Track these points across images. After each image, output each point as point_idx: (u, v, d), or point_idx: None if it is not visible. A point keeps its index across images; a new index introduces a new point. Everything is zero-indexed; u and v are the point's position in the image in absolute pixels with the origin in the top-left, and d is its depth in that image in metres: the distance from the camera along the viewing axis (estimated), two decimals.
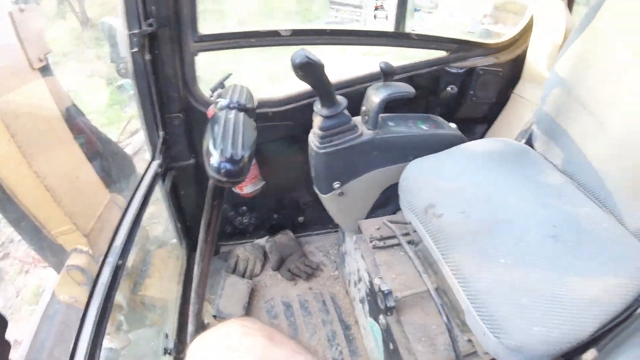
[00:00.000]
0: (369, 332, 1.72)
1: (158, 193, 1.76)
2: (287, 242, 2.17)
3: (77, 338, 0.91)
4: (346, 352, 1.83)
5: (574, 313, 1.06)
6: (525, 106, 2.04)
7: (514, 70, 2.08)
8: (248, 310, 1.92)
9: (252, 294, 1.99)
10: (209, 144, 1.21)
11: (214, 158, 1.15)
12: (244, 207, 2.10)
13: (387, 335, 1.48)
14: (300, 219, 2.26)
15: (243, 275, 2.06)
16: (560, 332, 1.03)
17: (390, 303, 1.39)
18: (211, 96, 1.70)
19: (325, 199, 1.72)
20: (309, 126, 1.62)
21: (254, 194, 1.87)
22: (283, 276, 2.11)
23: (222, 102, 1.44)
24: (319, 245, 2.31)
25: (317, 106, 1.53)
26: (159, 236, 2.13)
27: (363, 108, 1.65)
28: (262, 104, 1.80)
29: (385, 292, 1.39)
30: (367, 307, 1.72)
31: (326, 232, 2.37)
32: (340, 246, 2.06)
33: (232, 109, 1.43)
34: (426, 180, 1.51)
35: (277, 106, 1.82)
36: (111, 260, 1.13)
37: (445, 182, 1.47)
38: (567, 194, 1.45)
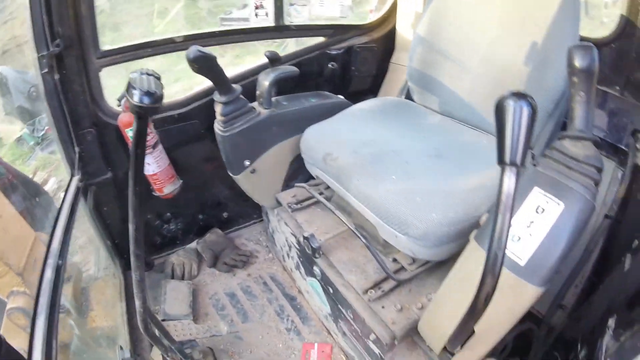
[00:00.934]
0: (312, 293, 1.84)
1: (84, 217, 1.78)
2: (217, 239, 2.24)
3: None
4: (297, 320, 1.93)
5: (463, 198, 1.29)
6: (402, 72, 2.30)
7: (387, 44, 2.39)
8: (195, 309, 1.95)
9: (195, 293, 2.03)
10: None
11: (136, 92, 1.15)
12: (168, 214, 2.15)
13: (325, 281, 1.62)
14: (225, 214, 2.34)
15: (182, 279, 2.09)
16: (455, 213, 1.25)
17: (315, 244, 1.54)
18: (119, 105, 1.76)
19: (240, 179, 1.86)
20: (213, 121, 1.76)
21: (173, 193, 1.94)
22: (220, 270, 2.17)
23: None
24: (248, 236, 2.40)
25: (216, 96, 1.69)
26: (91, 268, 2.10)
27: (257, 92, 1.81)
28: (167, 107, 1.91)
29: (309, 236, 1.54)
30: (302, 270, 1.84)
31: (252, 223, 2.48)
32: (267, 229, 2.18)
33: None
34: (321, 139, 1.71)
35: (181, 107, 1.93)
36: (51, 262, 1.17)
37: (338, 136, 1.67)
38: (447, 128, 1.73)
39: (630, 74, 1.48)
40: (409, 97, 2.00)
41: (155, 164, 1.81)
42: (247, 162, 1.80)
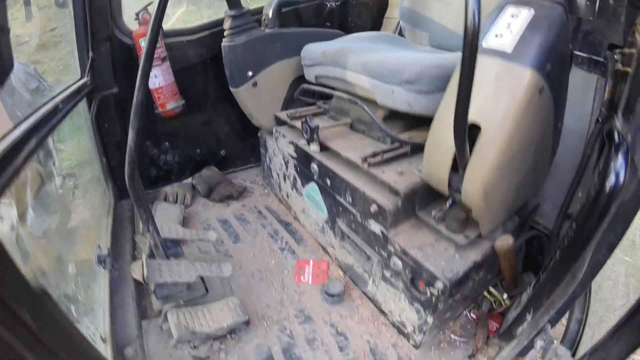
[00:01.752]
0: (309, 208, 1.78)
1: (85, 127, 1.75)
2: (213, 174, 2.18)
3: None
4: (292, 241, 1.85)
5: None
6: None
7: (382, 0, 2.48)
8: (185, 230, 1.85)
9: (186, 220, 1.94)
10: None
11: None
12: (167, 144, 2.11)
13: (322, 175, 1.58)
14: (222, 152, 2.30)
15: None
16: (444, 59, 1.30)
17: (313, 124, 1.49)
18: (136, 19, 1.81)
19: (242, 92, 1.87)
20: (218, 52, 1.84)
21: (175, 111, 1.92)
22: (214, 201, 2.09)
23: None
24: (244, 177, 2.34)
25: (226, 11, 1.78)
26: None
27: (263, 17, 1.88)
28: (178, 32, 1.96)
29: (307, 119, 1.51)
30: (299, 184, 1.79)
31: (249, 167, 2.43)
32: (264, 160, 2.15)
33: None
34: (319, 45, 1.76)
35: (190, 34, 1.98)
36: None
37: (334, 44, 1.72)
38: (437, 52, 1.76)
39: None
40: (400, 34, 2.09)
41: (161, 77, 1.82)
42: (250, 73, 1.83)
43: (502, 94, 0.96)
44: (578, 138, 1.39)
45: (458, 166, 1.07)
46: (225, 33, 1.80)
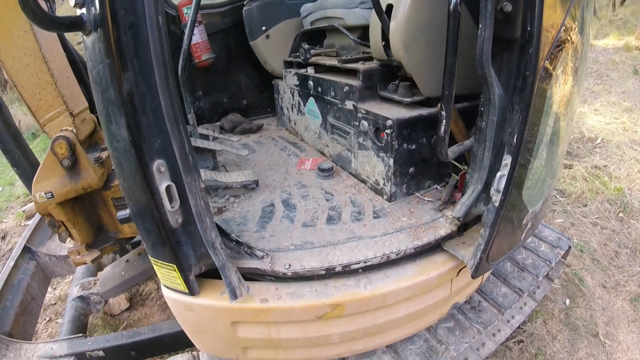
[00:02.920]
0: (309, 119, 2.19)
1: None
2: (237, 117, 2.65)
3: None
4: (297, 151, 2.24)
5: None
6: None
7: None
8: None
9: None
10: None
11: None
12: (200, 92, 2.61)
13: (315, 85, 2.00)
14: (244, 101, 2.78)
15: None
16: None
17: (307, 46, 1.93)
18: None
19: (258, 43, 2.39)
20: (239, 22, 2.41)
21: (209, 62, 2.44)
22: (237, 133, 2.53)
23: None
24: (260, 122, 2.75)
25: None
26: None
27: None
28: (209, 6, 2.50)
29: (303, 44, 1.94)
30: (302, 104, 2.21)
31: (266, 116, 2.90)
32: (278, 103, 2.60)
33: None
34: (311, 3, 2.26)
35: (218, 7, 2.53)
36: None
37: None
38: None
39: None
40: None
41: (199, 35, 2.36)
42: (264, 27, 2.35)
43: None
44: None
45: (386, 33, 1.45)
46: (245, 1, 2.34)
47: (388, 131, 1.49)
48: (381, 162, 1.60)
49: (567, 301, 2.37)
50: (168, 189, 1.01)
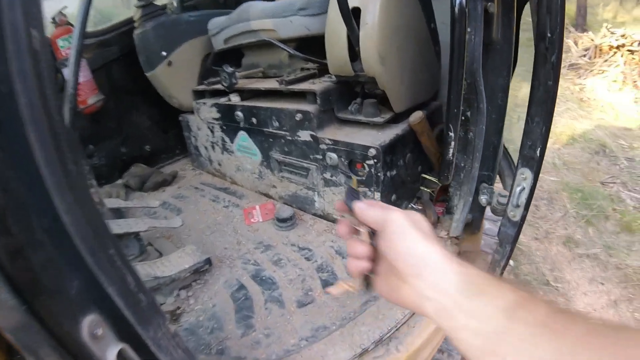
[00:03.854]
0: (242, 157, 1.76)
1: None
2: (142, 170, 2.06)
3: None
4: (234, 199, 1.78)
5: None
6: None
7: None
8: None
9: (124, 216, 1.76)
10: None
11: None
12: (91, 146, 1.96)
13: (247, 115, 1.58)
14: (147, 147, 2.18)
15: None
16: None
17: (230, 69, 1.49)
18: (52, 22, 1.73)
19: (158, 74, 1.84)
20: (130, 50, 1.85)
21: (97, 105, 1.82)
22: (149, 190, 1.96)
23: None
24: (172, 168, 2.21)
25: (135, 3, 1.79)
26: None
27: (168, 5, 1.89)
28: (89, 34, 1.88)
29: (225, 67, 1.50)
30: (228, 140, 1.77)
31: (176, 160, 2.33)
32: (189, 140, 2.08)
33: None
34: (222, 16, 1.81)
35: (103, 34, 1.92)
36: None
37: (236, 9, 1.75)
38: None
39: None
40: None
41: (80, 73, 1.70)
42: (164, 53, 1.81)
43: None
44: None
45: (353, 44, 1.14)
46: (136, 23, 1.80)
47: (370, 162, 1.19)
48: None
49: (512, 262, 2.41)
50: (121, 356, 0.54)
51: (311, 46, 1.49)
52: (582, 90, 4.54)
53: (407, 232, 0.47)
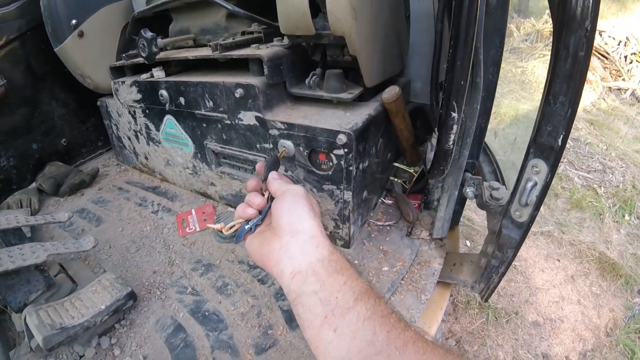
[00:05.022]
0: (170, 148, 1.33)
1: None
2: (58, 168, 1.55)
3: None
4: (165, 201, 1.37)
5: None
6: None
7: None
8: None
9: (36, 229, 1.29)
10: None
11: None
12: None
13: (173, 95, 1.15)
14: (63, 141, 1.67)
15: None
16: None
17: (149, 34, 1.05)
18: None
19: (68, 47, 1.36)
20: (41, 25, 1.36)
21: None
22: (65, 194, 1.47)
23: None
24: (94, 165, 1.71)
25: None
26: None
27: None
28: None
29: (142, 32, 1.05)
30: (153, 127, 1.32)
31: (99, 154, 1.82)
32: (110, 129, 1.59)
33: None
34: None
35: (3, 5, 1.39)
36: None
37: None
38: None
39: None
40: None
41: None
42: (73, 21, 1.33)
43: None
44: (427, 18, 1.22)
45: None
46: None
47: (339, 152, 0.84)
48: (328, 199, 0.95)
49: (468, 242, 2.32)
50: None
51: (256, 4, 1.10)
52: (523, 72, 4.49)
53: (300, 202, 0.53)
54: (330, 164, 0.88)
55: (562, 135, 0.68)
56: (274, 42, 0.99)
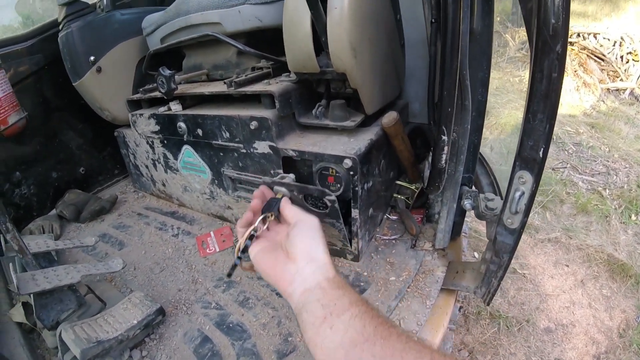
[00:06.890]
0: (188, 176, 1.47)
1: None
2: (77, 196, 1.70)
3: None
4: (184, 225, 1.50)
5: None
6: None
7: None
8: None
9: (59, 253, 1.42)
10: None
11: None
12: (17, 173, 1.59)
13: (191, 127, 1.29)
14: (82, 169, 1.82)
15: None
16: None
17: (167, 71, 1.20)
18: None
19: (86, 82, 1.51)
20: (59, 60, 1.51)
21: (19, 125, 1.46)
22: (86, 220, 1.61)
23: None
24: (112, 192, 1.85)
25: (59, 1, 1.45)
26: None
27: (97, 3, 1.54)
28: (7, 41, 1.53)
29: (161, 70, 1.20)
30: (171, 157, 1.46)
31: (115, 181, 1.97)
32: (128, 159, 1.74)
33: None
34: (157, 13, 1.50)
35: (23, 41, 1.56)
36: None
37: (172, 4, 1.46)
38: None
39: None
40: None
41: None
42: (92, 58, 1.48)
43: None
44: (422, 43, 1.35)
45: (319, 33, 0.91)
46: (61, 25, 1.47)
47: (345, 174, 0.97)
48: (332, 228, 1.07)
49: (475, 254, 2.35)
50: None
51: (263, 41, 1.24)
52: (521, 81, 4.63)
53: (317, 233, 0.60)
54: (339, 185, 1.01)
55: (542, 148, 0.80)
56: (282, 77, 1.13)
